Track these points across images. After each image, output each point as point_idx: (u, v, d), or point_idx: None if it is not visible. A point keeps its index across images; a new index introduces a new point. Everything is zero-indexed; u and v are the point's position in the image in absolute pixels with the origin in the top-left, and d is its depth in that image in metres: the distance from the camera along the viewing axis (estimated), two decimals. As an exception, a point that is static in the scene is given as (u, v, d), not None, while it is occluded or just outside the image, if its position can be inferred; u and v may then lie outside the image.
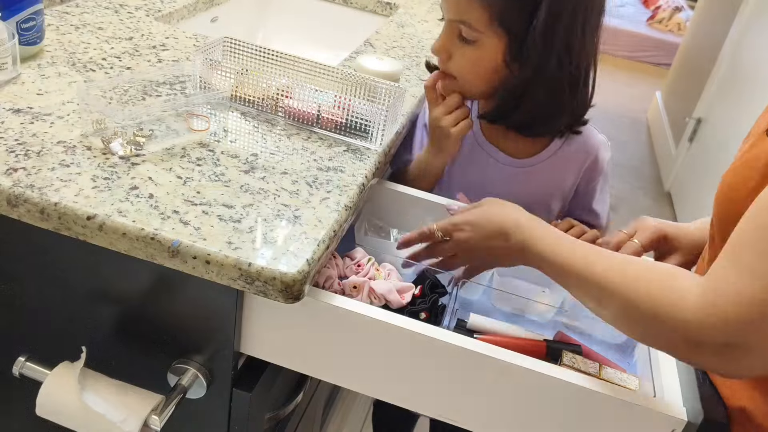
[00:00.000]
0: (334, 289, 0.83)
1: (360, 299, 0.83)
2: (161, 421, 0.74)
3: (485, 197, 0.90)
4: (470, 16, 0.91)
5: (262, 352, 0.81)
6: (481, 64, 0.95)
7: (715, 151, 2.88)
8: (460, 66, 0.96)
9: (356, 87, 1.01)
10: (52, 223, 0.72)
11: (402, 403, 0.81)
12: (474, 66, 0.96)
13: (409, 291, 0.86)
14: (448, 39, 0.95)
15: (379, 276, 0.87)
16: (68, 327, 0.85)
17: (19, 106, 0.86)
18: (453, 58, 0.96)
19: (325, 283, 0.83)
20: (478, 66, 0.95)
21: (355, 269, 0.88)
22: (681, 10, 5.58)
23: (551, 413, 0.75)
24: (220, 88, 0.96)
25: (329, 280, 0.84)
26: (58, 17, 1.16)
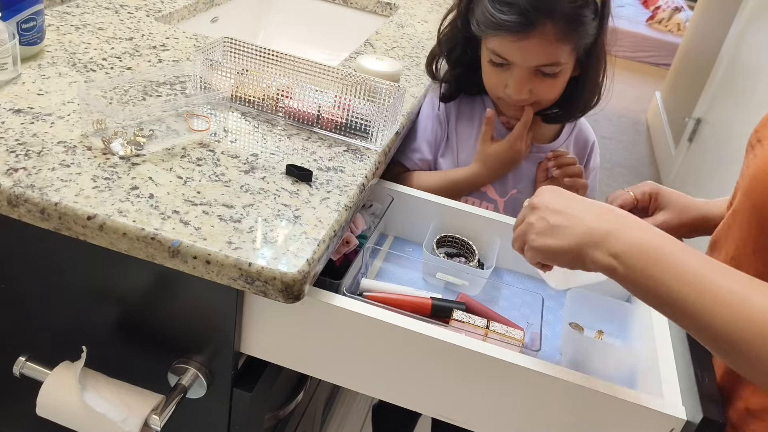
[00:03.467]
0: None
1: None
2: (161, 420, 0.74)
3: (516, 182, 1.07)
4: (560, 56, 0.97)
5: (262, 352, 0.81)
6: (561, 86, 1.03)
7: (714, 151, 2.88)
8: (544, 95, 1.03)
9: (356, 87, 1.01)
10: (53, 223, 0.72)
11: (402, 403, 0.81)
12: (556, 90, 1.03)
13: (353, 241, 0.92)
14: (527, 80, 1.00)
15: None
16: (68, 327, 0.85)
17: (19, 106, 0.86)
18: (533, 92, 1.01)
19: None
20: (559, 89, 1.03)
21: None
22: (680, 11, 5.58)
23: (551, 413, 0.75)
24: (220, 88, 0.96)
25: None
26: (59, 17, 1.16)
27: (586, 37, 0.98)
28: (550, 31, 0.94)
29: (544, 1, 0.93)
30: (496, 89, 1.04)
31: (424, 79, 1.24)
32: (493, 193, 1.12)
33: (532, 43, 0.95)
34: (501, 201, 1.12)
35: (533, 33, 0.94)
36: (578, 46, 0.98)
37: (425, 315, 0.82)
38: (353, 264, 0.88)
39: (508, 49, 0.98)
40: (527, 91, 1.01)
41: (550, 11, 0.93)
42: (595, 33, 0.98)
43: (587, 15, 0.96)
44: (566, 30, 0.95)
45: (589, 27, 0.97)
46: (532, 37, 0.94)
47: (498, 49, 0.99)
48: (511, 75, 1.00)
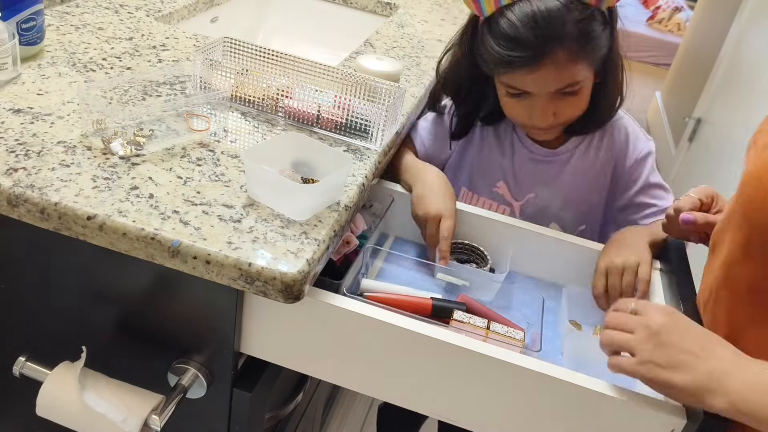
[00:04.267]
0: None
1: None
2: (161, 420, 0.74)
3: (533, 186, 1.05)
4: (575, 76, 0.95)
5: (262, 352, 0.81)
6: (585, 100, 1.01)
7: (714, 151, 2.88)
8: (569, 114, 1.01)
9: (356, 87, 1.01)
10: (53, 223, 0.72)
11: (402, 403, 0.81)
12: (581, 106, 1.01)
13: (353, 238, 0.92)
14: (550, 105, 0.98)
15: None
16: (68, 327, 0.85)
17: (19, 106, 0.86)
18: (558, 114, 0.99)
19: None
20: (583, 104, 1.01)
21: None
22: (681, 10, 5.57)
23: (551, 413, 0.75)
24: (220, 88, 0.96)
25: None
26: (59, 17, 1.16)
27: (599, 50, 0.95)
28: (561, 56, 0.91)
29: (548, 29, 0.90)
30: (519, 119, 1.02)
31: (424, 79, 1.24)
32: (509, 197, 1.12)
33: (546, 71, 0.92)
34: (517, 204, 1.12)
35: (545, 62, 0.91)
36: (594, 60, 0.96)
37: (425, 315, 0.82)
38: (353, 264, 0.88)
39: (523, 82, 0.95)
40: (551, 115, 0.98)
41: (556, 38, 0.90)
42: (607, 43, 0.96)
43: (596, 29, 0.93)
44: (577, 50, 0.92)
45: (600, 39, 0.94)
46: (544, 66, 0.92)
47: (512, 82, 0.96)
48: (531, 104, 0.98)
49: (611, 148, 1.10)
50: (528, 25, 0.90)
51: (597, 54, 0.95)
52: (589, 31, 0.92)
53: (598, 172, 1.10)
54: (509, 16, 0.91)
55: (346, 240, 0.91)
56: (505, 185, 1.12)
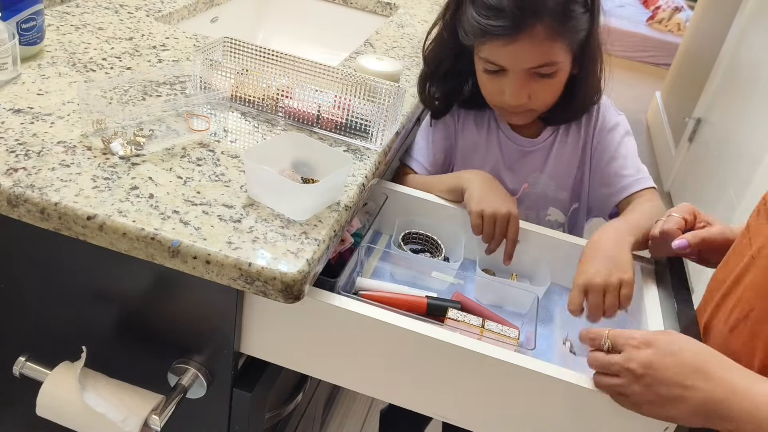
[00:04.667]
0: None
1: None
2: (161, 420, 0.74)
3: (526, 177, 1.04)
4: (554, 55, 0.95)
5: (262, 352, 0.81)
6: (560, 85, 1.01)
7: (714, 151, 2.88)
8: (542, 99, 1.01)
9: (356, 87, 1.01)
10: (53, 223, 0.72)
11: (402, 403, 0.81)
12: (554, 91, 1.01)
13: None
14: (524, 84, 0.98)
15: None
16: (68, 327, 0.85)
17: (19, 106, 0.86)
18: (533, 96, 0.99)
19: None
20: (557, 89, 1.01)
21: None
22: (681, 11, 5.57)
23: (550, 412, 0.75)
24: (220, 88, 0.96)
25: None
26: (59, 17, 1.16)
27: (577, 33, 0.95)
28: (539, 31, 0.92)
29: (529, 1, 0.91)
30: (493, 98, 1.03)
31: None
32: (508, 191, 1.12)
33: (522, 45, 0.93)
34: (515, 197, 1.12)
35: (522, 35, 0.92)
36: (571, 43, 0.96)
37: (421, 314, 0.82)
38: (348, 262, 0.89)
39: (499, 55, 0.96)
40: (525, 95, 0.98)
41: (536, 11, 0.91)
42: (587, 27, 0.96)
43: (576, 9, 0.94)
44: (556, 28, 0.92)
45: (580, 21, 0.95)
46: (521, 39, 0.92)
47: (489, 56, 0.97)
48: (507, 81, 0.98)
49: (586, 126, 1.12)
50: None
51: (575, 36, 0.96)
52: (569, 11, 0.93)
53: (577, 148, 1.11)
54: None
55: (341, 238, 0.91)
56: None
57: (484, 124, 1.12)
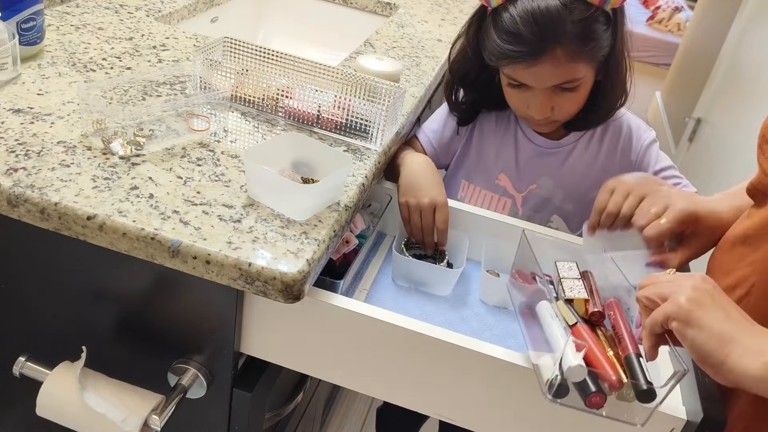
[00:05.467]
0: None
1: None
2: (161, 420, 0.74)
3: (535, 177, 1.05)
4: (575, 73, 0.96)
5: (262, 352, 0.81)
6: (584, 97, 1.01)
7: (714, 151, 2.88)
8: (566, 111, 1.02)
9: (356, 87, 1.01)
10: (53, 223, 0.72)
11: (401, 403, 0.81)
12: (578, 102, 1.02)
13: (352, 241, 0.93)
14: (548, 99, 0.99)
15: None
16: (68, 327, 0.85)
17: (19, 106, 0.86)
18: (556, 109, 1.00)
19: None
20: (581, 100, 1.02)
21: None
22: (681, 10, 5.57)
23: (551, 413, 0.75)
24: (220, 88, 0.96)
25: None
26: (59, 17, 1.16)
27: (600, 50, 0.96)
28: (559, 55, 0.92)
29: (547, 28, 0.91)
30: (519, 109, 1.04)
31: (424, 79, 1.24)
32: (512, 189, 1.12)
33: (543, 67, 0.93)
34: (519, 196, 1.12)
35: (543, 59, 0.92)
36: (594, 59, 0.96)
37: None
38: (353, 264, 0.89)
39: (522, 76, 0.97)
40: (549, 109, 0.99)
41: (555, 37, 0.91)
42: (609, 43, 0.96)
43: (597, 29, 0.93)
44: (577, 50, 0.93)
45: (602, 39, 0.95)
46: (542, 62, 0.93)
47: (512, 75, 0.98)
48: (530, 96, 0.99)
49: (614, 144, 1.11)
50: (527, 22, 0.91)
51: (597, 54, 0.96)
52: (590, 32, 0.93)
53: (601, 167, 1.10)
54: (511, 11, 0.93)
55: (345, 239, 0.91)
56: (506, 177, 1.12)
57: (504, 122, 1.13)
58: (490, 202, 1.13)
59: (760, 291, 0.76)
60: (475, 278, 1.00)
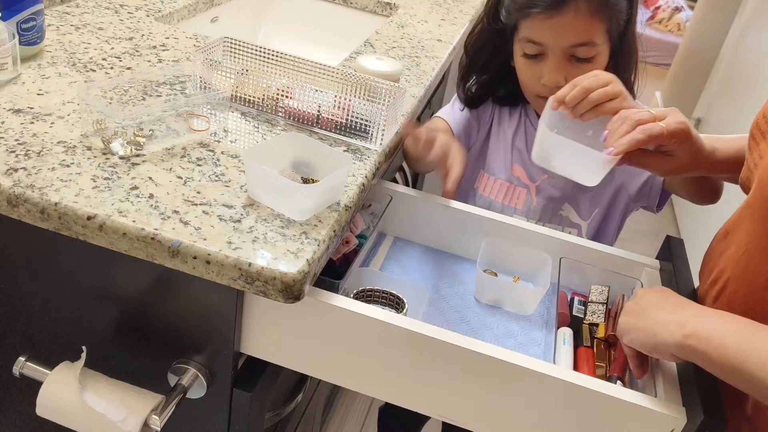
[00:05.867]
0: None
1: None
2: (161, 420, 0.74)
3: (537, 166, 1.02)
4: (594, 34, 0.96)
5: (262, 352, 0.81)
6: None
7: (714, 151, 2.87)
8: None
9: (356, 87, 1.01)
10: (53, 223, 0.72)
11: (402, 403, 0.81)
12: None
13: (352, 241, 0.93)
14: (562, 66, 0.98)
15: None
16: (68, 327, 0.85)
17: (19, 106, 0.86)
18: (568, 80, 0.97)
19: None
20: None
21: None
22: (681, 11, 5.57)
23: (551, 413, 0.75)
24: (220, 88, 0.96)
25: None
26: (59, 17, 1.16)
27: (618, 17, 0.97)
28: (582, 6, 0.93)
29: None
30: (530, 84, 1.03)
31: (424, 79, 1.24)
32: (526, 179, 1.13)
33: (565, 19, 0.94)
34: (533, 186, 1.13)
35: (566, 9, 0.94)
36: (611, 28, 0.97)
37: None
38: (353, 264, 0.88)
39: (540, 30, 0.97)
40: (562, 77, 0.98)
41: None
42: (626, 15, 0.98)
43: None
44: (598, 6, 0.94)
45: (621, 6, 0.97)
46: (565, 13, 0.94)
47: (529, 34, 0.98)
48: (545, 64, 0.99)
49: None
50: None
51: (615, 20, 0.97)
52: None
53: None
54: None
55: (345, 240, 0.91)
56: (520, 168, 1.13)
57: (516, 115, 1.14)
58: (506, 191, 1.14)
59: (734, 284, 0.77)
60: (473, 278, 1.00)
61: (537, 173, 1.12)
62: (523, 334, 0.92)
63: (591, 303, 0.94)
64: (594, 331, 0.91)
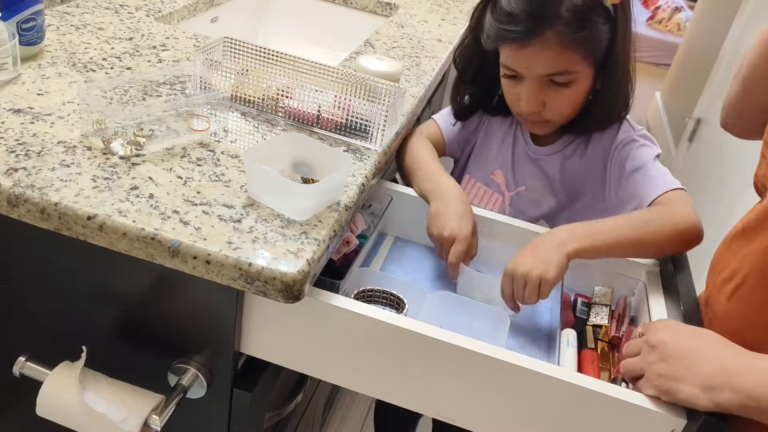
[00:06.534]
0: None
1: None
2: (161, 420, 0.74)
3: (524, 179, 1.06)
4: (568, 64, 0.94)
5: (262, 352, 0.81)
6: (578, 97, 1.00)
7: (714, 151, 2.88)
8: (558, 109, 1.00)
9: (356, 87, 1.01)
10: (53, 223, 0.72)
11: (401, 403, 0.81)
12: (571, 102, 1.00)
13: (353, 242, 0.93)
14: (539, 91, 0.97)
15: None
16: (68, 327, 0.85)
17: (19, 106, 0.86)
18: (547, 106, 0.99)
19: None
20: (575, 100, 1.00)
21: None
22: (681, 11, 5.57)
23: (551, 413, 0.75)
24: (220, 88, 0.96)
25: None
26: (59, 17, 1.16)
27: (596, 43, 0.94)
28: (551, 38, 0.91)
29: (541, 7, 0.91)
30: (512, 103, 1.03)
31: (424, 79, 1.24)
32: (503, 186, 1.12)
33: (534, 50, 0.93)
34: (508, 195, 1.12)
35: (535, 41, 0.92)
36: (590, 53, 0.95)
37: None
38: (353, 264, 0.88)
39: (513, 59, 0.96)
40: (540, 103, 0.98)
41: (546, 18, 0.91)
42: (607, 38, 0.95)
43: (593, 19, 0.92)
44: (568, 35, 0.91)
45: (599, 32, 0.93)
46: (533, 45, 0.92)
47: (506, 61, 0.98)
48: (523, 88, 0.98)
49: (602, 152, 1.07)
50: (521, 2, 0.92)
51: (591, 46, 0.94)
52: (584, 20, 0.92)
53: (589, 177, 1.08)
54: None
55: (346, 240, 0.91)
56: (501, 173, 1.12)
57: (505, 127, 1.13)
58: (483, 195, 1.13)
59: (752, 281, 0.77)
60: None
61: (516, 183, 1.11)
62: (526, 335, 0.92)
63: (595, 305, 0.95)
64: (597, 332, 0.91)
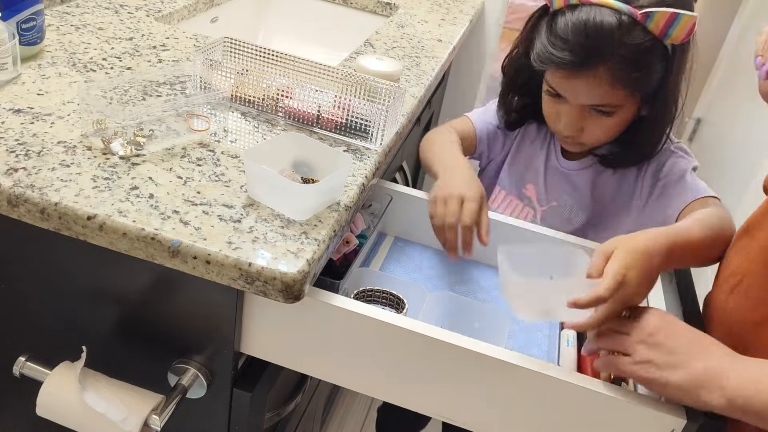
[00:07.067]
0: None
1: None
2: (161, 420, 0.74)
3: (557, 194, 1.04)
4: (614, 99, 0.92)
5: (262, 352, 0.81)
6: (618, 126, 0.98)
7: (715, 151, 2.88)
8: (595, 135, 0.98)
9: (356, 87, 1.01)
10: (53, 223, 0.72)
11: (402, 403, 0.81)
12: (610, 130, 0.98)
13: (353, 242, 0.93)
14: (580, 118, 0.96)
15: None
16: (68, 327, 0.85)
17: (19, 106, 0.86)
18: (586, 130, 0.97)
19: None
20: (615, 129, 0.98)
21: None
22: (681, 10, 5.57)
23: (551, 413, 0.75)
24: (220, 88, 0.96)
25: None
26: (59, 17, 1.16)
27: (647, 83, 0.91)
28: (602, 74, 0.89)
29: (597, 41, 0.87)
30: (550, 119, 1.01)
31: (424, 79, 1.24)
32: (535, 201, 1.10)
33: (583, 82, 0.91)
34: (540, 210, 1.10)
35: (585, 73, 0.89)
36: (639, 89, 0.92)
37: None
38: (353, 264, 0.88)
39: (559, 84, 0.94)
40: (579, 128, 0.97)
41: (603, 54, 0.87)
42: (661, 77, 0.92)
43: (650, 60, 0.89)
44: (621, 74, 0.88)
45: (653, 72, 0.90)
46: (584, 76, 0.90)
47: (551, 81, 0.96)
48: (564, 109, 0.97)
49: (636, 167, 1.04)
50: (578, 31, 0.88)
51: (642, 85, 0.92)
52: (640, 60, 0.89)
53: (621, 190, 1.06)
54: (568, 17, 0.89)
55: (345, 240, 0.91)
56: (533, 188, 1.11)
57: (543, 132, 1.11)
58: (514, 209, 1.12)
59: (751, 277, 0.78)
60: (473, 278, 1.00)
61: (548, 198, 1.09)
62: (526, 335, 0.92)
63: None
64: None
